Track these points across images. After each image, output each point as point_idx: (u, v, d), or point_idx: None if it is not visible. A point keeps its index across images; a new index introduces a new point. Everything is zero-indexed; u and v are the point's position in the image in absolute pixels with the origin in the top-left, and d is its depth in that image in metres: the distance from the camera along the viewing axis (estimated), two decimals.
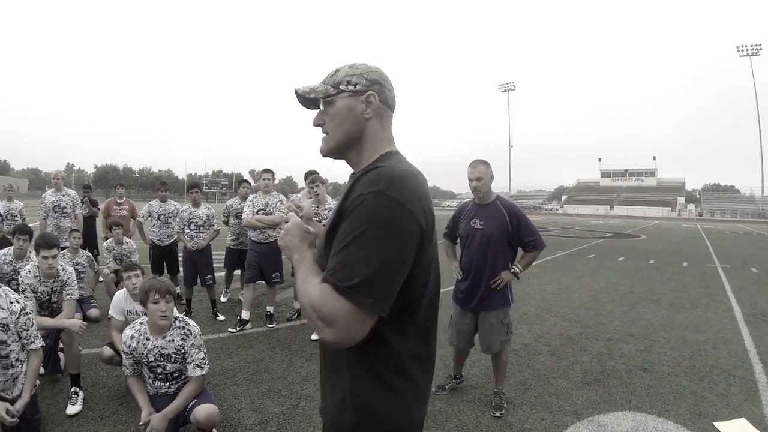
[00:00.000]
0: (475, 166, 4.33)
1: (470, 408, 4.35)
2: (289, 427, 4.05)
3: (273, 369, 5.34)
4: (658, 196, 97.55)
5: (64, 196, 8.20)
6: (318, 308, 1.31)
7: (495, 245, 4.28)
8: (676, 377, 5.12)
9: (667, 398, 4.61)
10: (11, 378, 3.48)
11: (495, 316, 4.37)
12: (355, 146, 1.61)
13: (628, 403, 4.50)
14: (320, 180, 6.35)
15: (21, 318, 3.50)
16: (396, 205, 1.35)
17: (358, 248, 1.31)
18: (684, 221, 64.47)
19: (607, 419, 4.19)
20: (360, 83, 1.57)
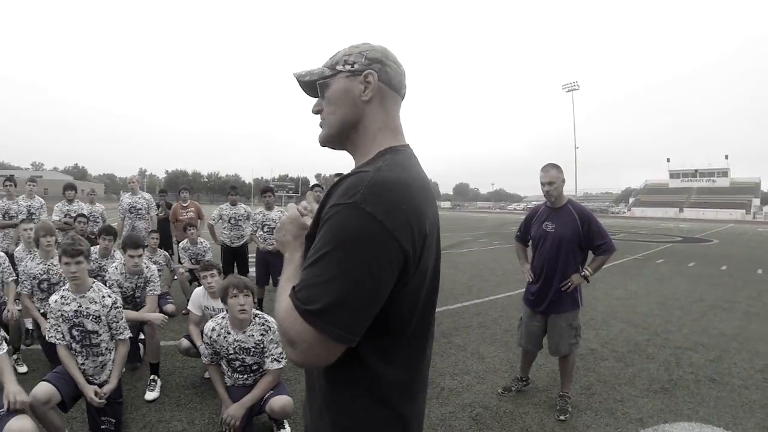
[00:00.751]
0: (547, 171, 4.36)
1: (535, 410, 4.38)
2: None
3: None
4: (731, 197, 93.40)
5: (140, 199, 8.67)
6: (281, 323, 1.20)
7: (566, 248, 4.32)
8: (747, 390, 4.97)
9: (736, 411, 4.49)
10: (100, 365, 3.82)
11: (564, 319, 4.40)
12: (351, 134, 1.45)
13: (694, 414, 4.41)
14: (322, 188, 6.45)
15: (112, 311, 3.82)
16: (372, 222, 1.15)
17: (322, 269, 1.15)
18: (759, 225, 61.25)
19: (673, 429, 4.13)
20: (358, 62, 1.41)
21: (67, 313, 3.76)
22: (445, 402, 4.55)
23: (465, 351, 6.02)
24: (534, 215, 4.69)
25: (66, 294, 3.84)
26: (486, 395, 4.69)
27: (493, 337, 6.61)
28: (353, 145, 1.46)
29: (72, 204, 8.56)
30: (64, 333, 3.79)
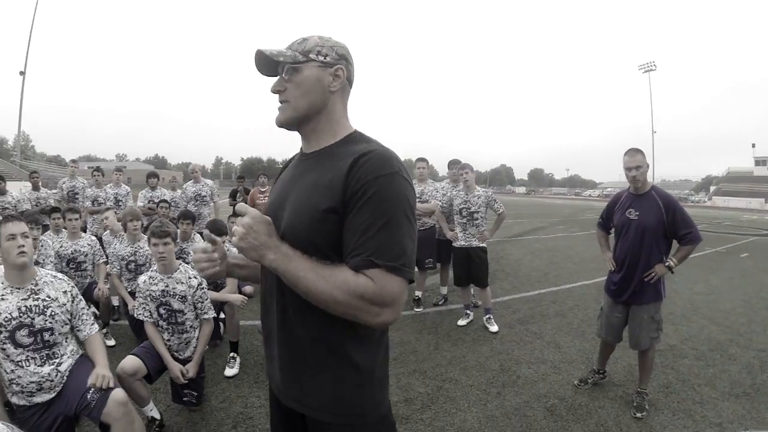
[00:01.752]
0: (633, 155, 4.20)
1: (611, 405, 4.29)
2: (433, 406, 4.25)
3: (419, 351, 5.57)
4: None
5: (203, 186, 9.02)
6: (376, 294, 1.35)
7: (650, 237, 4.16)
8: None
9: None
10: (185, 341, 4.03)
11: (646, 311, 4.24)
12: (314, 119, 1.62)
13: None
14: (469, 167, 6.44)
15: (197, 291, 4.02)
16: (409, 184, 1.48)
17: (396, 228, 1.40)
18: None
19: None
20: (330, 55, 1.59)
21: (155, 293, 3.97)
22: (520, 391, 4.53)
23: (541, 339, 5.98)
24: (617, 202, 4.54)
25: (154, 275, 4.03)
26: (562, 386, 4.64)
27: (569, 326, 6.52)
28: (314, 129, 1.64)
29: (155, 191, 9.03)
30: (152, 311, 3.99)
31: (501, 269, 10.62)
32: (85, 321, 3.31)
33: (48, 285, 3.16)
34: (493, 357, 5.39)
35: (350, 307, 1.36)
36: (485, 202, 6.36)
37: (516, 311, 7.26)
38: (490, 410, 4.18)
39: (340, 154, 1.53)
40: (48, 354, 3.06)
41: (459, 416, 4.08)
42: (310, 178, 1.58)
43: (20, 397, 3.01)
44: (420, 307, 7.27)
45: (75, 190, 9.33)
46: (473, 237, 6.40)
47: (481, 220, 6.40)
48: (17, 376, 2.97)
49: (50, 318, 3.06)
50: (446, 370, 5.03)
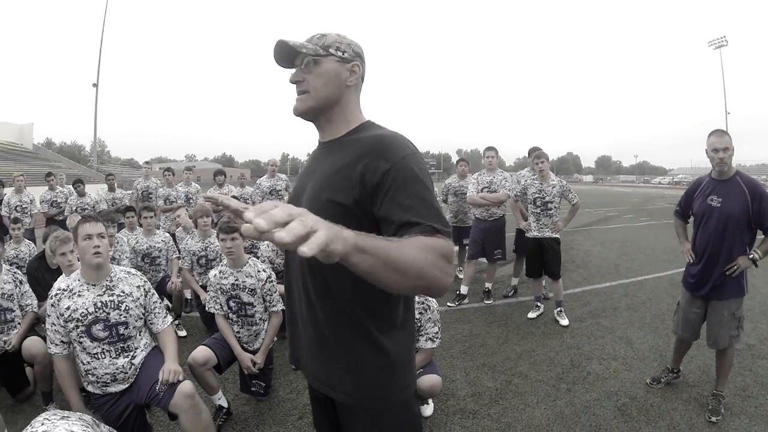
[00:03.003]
0: (721, 135, 3.88)
1: (684, 407, 4.10)
2: (502, 402, 4.22)
3: (489, 344, 5.54)
4: None
5: (278, 181, 9.26)
6: (451, 253, 1.37)
7: (733, 226, 3.86)
8: None
9: None
10: (254, 333, 4.16)
11: (727, 307, 3.96)
12: (330, 110, 1.71)
13: None
14: (545, 156, 6.37)
15: (266, 285, 4.14)
16: (423, 160, 1.60)
17: (433, 201, 1.48)
18: None
19: None
20: (348, 52, 1.69)
21: (225, 286, 4.10)
22: (591, 388, 4.43)
23: (613, 334, 5.82)
24: (697, 188, 4.24)
25: (224, 269, 4.15)
26: (633, 384, 4.50)
27: (642, 321, 6.32)
28: (329, 119, 1.74)
29: (222, 188, 9.31)
30: (222, 304, 4.14)
31: (570, 260, 10.42)
32: (157, 314, 3.44)
33: (122, 281, 3.29)
34: (563, 351, 5.29)
35: (440, 269, 1.27)
36: (560, 191, 6.28)
37: (586, 304, 7.11)
38: (559, 407, 4.11)
39: (353, 143, 1.64)
40: (123, 347, 3.20)
41: (527, 412, 4.03)
42: (326, 166, 1.67)
43: (95, 386, 3.18)
44: (490, 299, 7.23)
45: (149, 190, 9.84)
46: (546, 227, 6.32)
47: (555, 210, 6.30)
48: (93, 367, 3.13)
49: (125, 312, 3.20)
50: (515, 364, 4.98)
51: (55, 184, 9.73)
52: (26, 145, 50.80)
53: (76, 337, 3.11)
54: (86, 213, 5.78)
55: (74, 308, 3.10)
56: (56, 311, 3.13)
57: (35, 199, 9.66)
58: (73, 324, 3.09)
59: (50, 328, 3.19)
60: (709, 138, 3.93)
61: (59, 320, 3.13)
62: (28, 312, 4.33)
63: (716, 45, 75.73)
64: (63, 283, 3.22)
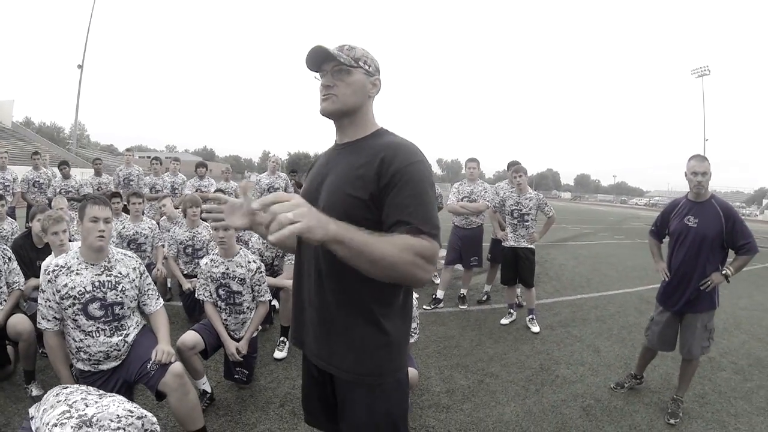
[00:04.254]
0: (701, 161, 4.12)
1: (645, 410, 4.34)
2: (474, 398, 4.40)
3: (462, 346, 5.73)
4: None
5: (277, 179, 9.32)
6: (433, 253, 1.60)
7: (708, 245, 4.10)
8: None
9: None
10: (241, 321, 4.29)
11: (700, 320, 4.20)
12: (352, 115, 1.91)
13: None
14: (524, 170, 6.60)
15: (256, 275, 4.27)
16: (430, 169, 1.82)
17: (428, 205, 1.69)
18: None
19: None
20: (372, 66, 1.91)
21: (216, 275, 4.23)
22: (558, 390, 4.64)
23: (581, 342, 6.05)
24: (673, 209, 4.45)
25: (215, 257, 4.28)
26: (598, 388, 4.71)
27: (610, 331, 6.56)
28: (351, 123, 1.93)
29: (203, 180, 9.43)
30: (212, 291, 4.26)
31: (545, 272, 10.65)
32: (151, 296, 3.58)
33: (120, 262, 3.40)
34: (533, 356, 5.50)
35: (414, 265, 1.54)
36: (536, 204, 6.51)
37: (557, 314, 7.34)
38: (528, 406, 4.30)
39: (370, 146, 1.84)
40: (117, 326, 3.31)
41: (498, 409, 4.22)
42: (344, 164, 1.86)
43: (86, 363, 3.27)
44: (464, 304, 7.42)
45: (130, 178, 9.84)
46: (523, 238, 6.54)
47: (531, 222, 6.54)
48: (86, 345, 3.21)
49: (121, 293, 3.31)
50: (487, 365, 5.17)
51: (39, 164, 9.65)
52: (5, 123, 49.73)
53: (71, 314, 3.18)
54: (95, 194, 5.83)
55: (72, 286, 3.17)
56: (53, 287, 3.18)
57: (18, 178, 9.53)
58: (70, 301, 3.16)
59: (44, 303, 3.22)
60: (690, 161, 4.17)
61: (55, 296, 3.18)
62: (14, 289, 4.29)
63: (699, 73, 76.85)
64: (60, 260, 3.28)
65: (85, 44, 44.37)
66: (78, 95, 44.77)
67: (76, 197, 8.78)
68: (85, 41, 44.38)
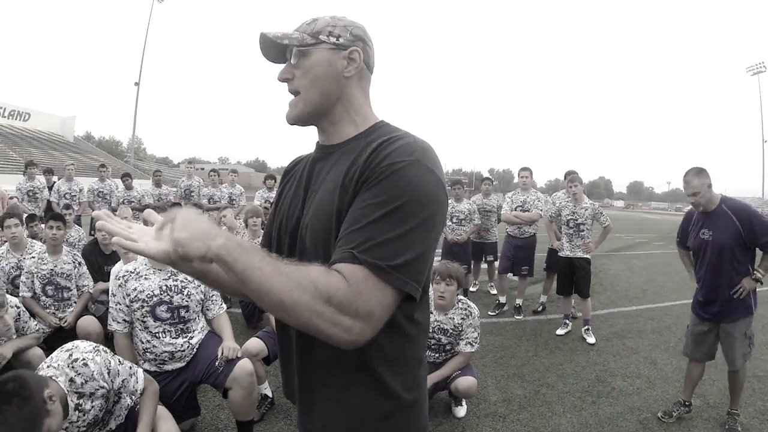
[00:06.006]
0: (688, 181, 3.99)
1: (704, 425, 4.25)
2: (530, 408, 4.42)
3: (519, 356, 5.76)
4: None
5: None
6: (349, 300, 1.05)
7: (728, 255, 3.93)
8: None
9: None
10: None
11: (737, 328, 4.00)
12: (331, 110, 1.39)
13: None
14: (579, 180, 6.61)
15: None
16: (433, 175, 1.20)
17: (397, 222, 1.12)
18: None
19: None
20: (343, 36, 1.35)
21: None
22: (615, 402, 4.61)
23: (637, 355, 5.98)
24: (689, 221, 4.35)
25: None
26: (656, 401, 4.66)
27: (666, 344, 6.46)
28: (333, 121, 1.40)
29: (271, 191, 9.57)
30: None
31: (599, 283, 10.54)
32: (215, 301, 3.76)
33: None
34: (589, 367, 5.48)
35: (312, 312, 1.03)
36: (592, 214, 6.51)
37: (613, 325, 7.28)
38: (584, 417, 4.30)
39: (362, 147, 1.30)
40: (182, 328, 3.50)
41: (554, 420, 4.23)
42: (331, 175, 1.34)
43: (152, 364, 3.45)
44: (520, 314, 7.43)
45: (191, 189, 10.14)
46: (578, 248, 6.55)
47: (587, 231, 6.53)
48: (152, 345, 3.41)
49: (187, 297, 3.50)
50: (543, 375, 5.18)
51: (105, 176, 10.10)
52: (67, 137, 52.14)
53: (140, 316, 3.39)
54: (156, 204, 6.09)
55: (141, 290, 3.38)
56: (123, 291, 3.40)
57: (84, 188, 10.06)
58: (139, 304, 3.37)
59: (114, 306, 3.44)
60: (682, 181, 4.10)
61: (125, 300, 3.40)
62: (84, 292, 4.65)
63: (755, 71, 74.54)
64: (130, 266, 3.51)
65: (141, 61, 46.00)
66: (135, 110, 46.52)
67: (138, 207, 9.15)
68: (141, 59, 46.02)
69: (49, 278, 4.50)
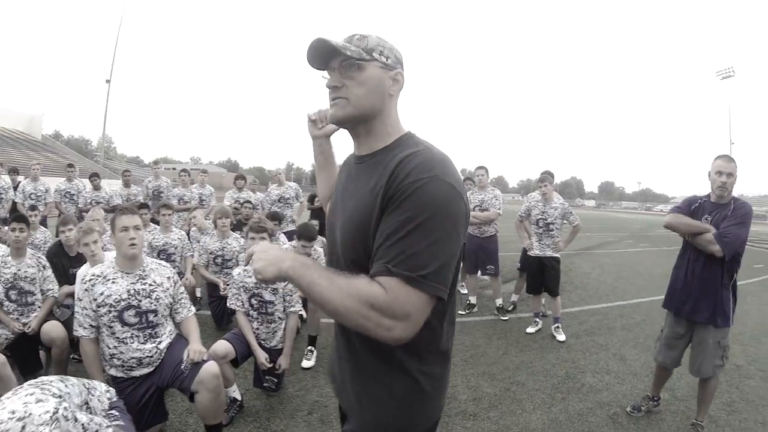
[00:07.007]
0: (728, 160, 3.84)
1: (672, 418, 4.33)
2: (500, 406, 4.43)
3: (488, 354, 5.77)
4: None
5: (287, 189, 9.28)
6: (387, 305, 1.27)
7: None
8: None
9: None
10: (272, 331, 4.38)
11: (712, 335, 3.89)
12: (371, 121, 1.53)
13: None
14: (548, 179, 6.63)
15: (288, 285, 4.36)
16: (452, 189, 1.35)
17: (423, 236, 1.29)
18: None
19: None
20: (391, 58, 1.51)
21: (248, 284, 4.33)
22: (584, 398, 4.66)
23: (607, 351, 6.05)
24: (695, 202, 4.11)
25: (249, 268, 4.35)
26: (625, 396, 4.72)
27: (636, 340, 6.55)
28: (369, 131, 1.56)
29: (241, 192, 9.44)
30: (244, 301, 4.35)
31: (570, 281, 10.65)
32: (183, 304, 3.69)
33: (154, 271, 3.52)
34: (559, 364, 5.52)
35: (361, 316, 1.28)
36: (561, 213, 6.55)
37: (583, 322, 7.35)
38: (554, 414, 4.33)
39: (388, 160, 1.44)
40: (151, 333, 3.41)
41: (524, 417, 4.25)
42: (359, 187, 1.52)
43: (119, 370, 3.36)
44: (506, 315, 7.42)
45: (159, 189, 9.97)
46: (548, 247, 6.59)
47: (556, 231, 6.58)
48: (120, 351, 3.31)
49: (155, 301, 3.42)
50: (514, 373, 5.20)
51: (72, 176, 9.90)
52: (35, 136, 50.93)
53: (107, 321, 3.28)
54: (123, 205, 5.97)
55: (108, 294, 3.28)
56: (89, 296, 3.29)
57: (50, 189, 9.81)
58: (106, 309, 3.27)
59: (80, 311, 3.33)
60: (716, 161, 3.90)
61: (92, 304, 3.29)
62: (48, 296, 4.47)
63: (723, 75, 75.66)
64: (97, 269, 3.40)
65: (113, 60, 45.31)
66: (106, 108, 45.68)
67: (106, 208, 8.97)
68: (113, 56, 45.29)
69: (13, 282, 4.37)
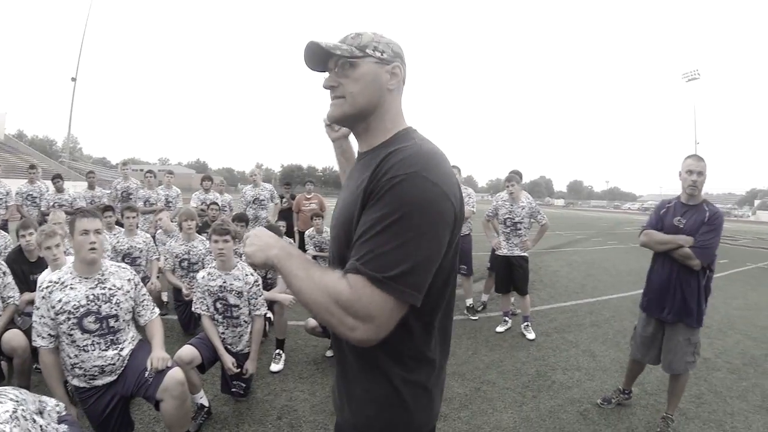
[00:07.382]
0: (698, 160, 3.88)
1: (642, 412, 4.37)
2: (471, 406, 4.42)
3: (458, 354, 5.74)
4: None
5: (262, 190, 9.25)
6: (350, 304, 1.24)
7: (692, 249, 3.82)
8: None
9: None
10: (238, 335, 4.29)
11: (683, 333, 3.92)
12: (369, 117, 1.52)
13: None
14: (515, 179, 6.62)
15: (253, 288, 4.29)
16: (434, 187, 1.29)
17: (394, 235, 1.24)
18: None
19: None
20: (387, 52, 1.49)
21: (213, 288, 4.24)
22: (555, 395, 4.67)
23: (577, 348, 6.09)
24: (663, 208, 4.17)
25: (213, 271, 4.29)
26: (595, 392, 4.74)
27: (605, 336, 6.61)
28: (366, 128, 1.54)
29: (208, 193, 9.30)
30: (209, 305, 4.26)
31: (539, 279, 10.71)
32: (146, 306, 3.57)
33: (113, 275, 3.39)
34: (529, 362, 5.53)
35: (327, 311, 1.27)
36: (529, 213, 6.56)
37: (553, 320, 7.38)
38: (525, 412, 4.32)
39: (380, 156, 1.40)
40: (112, 339, 3.29)
41: (495, 416, 4.24)
42: (351, 184, 1.52)
43: (81, 380, 3.25)
44: (475, 315, 7.40)
45: (129, 191, 9.74)
46: (516, 246, 6.60)
47: (524, 230, 6.59)
48: (81, 360, 3.20)
49: (116, 305, 3.30)
50: (484, 373, 5.19)
51: (35, 178, 9.64)
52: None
53: (66, 329, 3.15)
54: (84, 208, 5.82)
55: (66, 300, 3.15)
56: (47, 303, 3.15)
57: (11, 191, 9.51)
58: (65, 316, 3.13)
59: (38, 320, 3.19)
60: (686, 160, 3.95)
61: (49, 312, 3.15)
62: (9, 304, 4.23)
63: (689, 77, 76.96)
64: (54, 276, 3.25)
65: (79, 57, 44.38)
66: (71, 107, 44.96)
67: (69, 211, 8.75)
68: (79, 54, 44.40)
69: None
